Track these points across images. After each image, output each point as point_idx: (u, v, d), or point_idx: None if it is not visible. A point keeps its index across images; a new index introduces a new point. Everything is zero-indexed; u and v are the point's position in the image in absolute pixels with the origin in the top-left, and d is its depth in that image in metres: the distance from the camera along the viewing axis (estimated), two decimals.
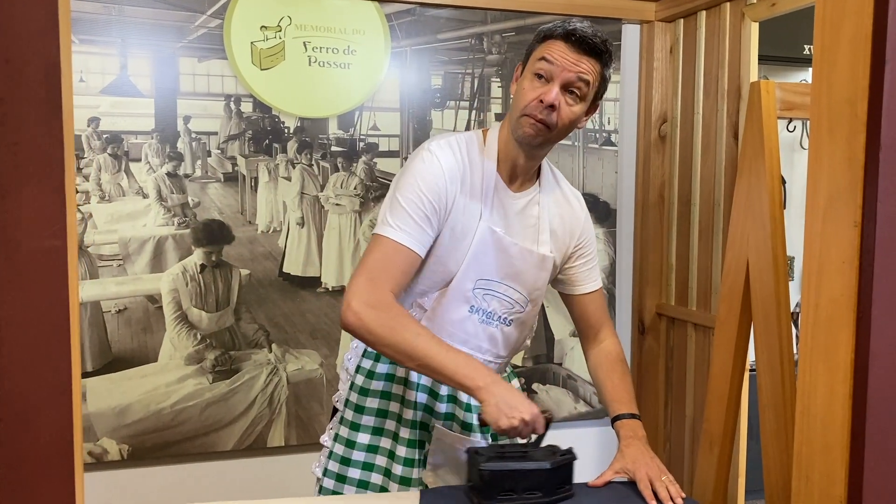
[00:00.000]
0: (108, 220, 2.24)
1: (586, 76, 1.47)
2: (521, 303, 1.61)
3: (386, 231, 1.48)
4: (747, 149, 1.85)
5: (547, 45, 1.48)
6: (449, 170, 1.51)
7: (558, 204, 1.64)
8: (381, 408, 1.61)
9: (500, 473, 1.36)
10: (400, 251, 1.46)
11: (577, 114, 1.50)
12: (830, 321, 1.08)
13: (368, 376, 1.61)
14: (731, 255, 1.91)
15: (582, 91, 1.48)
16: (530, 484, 1.37)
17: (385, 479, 1.59)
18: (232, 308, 2.35)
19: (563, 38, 1.47)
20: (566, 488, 1.42)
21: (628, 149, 2.69)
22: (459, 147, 1.55)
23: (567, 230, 1.65)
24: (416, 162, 1.52)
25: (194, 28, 2.26)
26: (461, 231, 1.53)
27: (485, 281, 1.56)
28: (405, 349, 1.41)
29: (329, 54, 2.35)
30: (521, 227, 1.58)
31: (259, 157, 2.36)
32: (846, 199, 1.05)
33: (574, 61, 1.46)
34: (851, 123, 1.05)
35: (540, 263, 1.59)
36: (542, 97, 1.46)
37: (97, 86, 2.20)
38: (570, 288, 1.71)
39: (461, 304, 1.56)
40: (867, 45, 1.03)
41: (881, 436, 1.06)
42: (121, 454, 2.26)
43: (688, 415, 2.51)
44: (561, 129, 1.50)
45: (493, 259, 1.55)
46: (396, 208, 1.48)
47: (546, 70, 1.47)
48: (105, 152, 2.23)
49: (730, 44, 2.30)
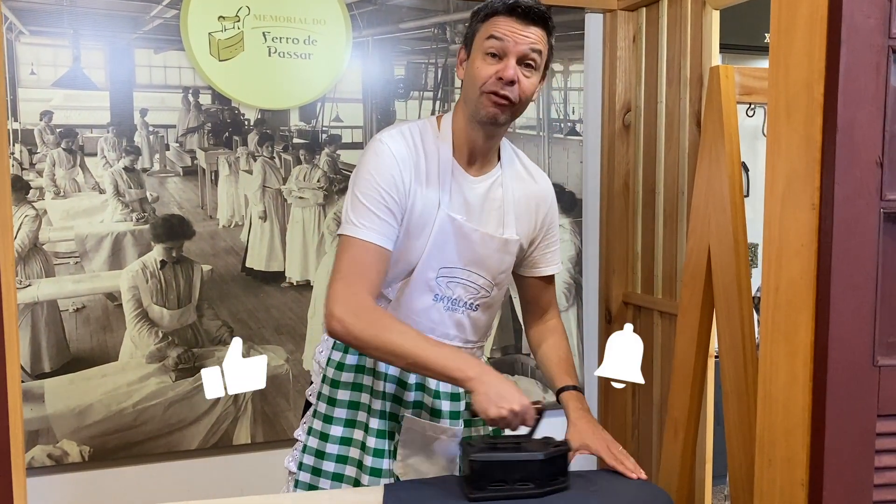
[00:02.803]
0: (63, 216, 2.18)
1: (538, 46, 1.48)
2: (487, 287, 1.60)
3: (351, 231, 1.47)
4: (707, 134, 1.86)
5: (492, 23, 1.48)
6: (401, 158, 1.50)
7: (521, 181, 1.63)
8: (352, 399, 1.60)
9: (491, 464, 1.36)
10: (368, 249, 1.46)
11: (535, 85, 1.51)
12: (790, 303, 1.08)
13: (338, 368, 1.61)
14: (693, 241, 1.91)
15: (536, 62, 1.49)
16: (522, 475, 1.36)
17: (358, 472, 1.58)
18: (194, 305, 2.30)
19: (508, 13, 1.46)
20: (560, 480, 1.41)
21: (593, 138, 2.68)
22: (412, 134, 1.54)
23: (532, 208, 1.64)
24: (370, 155, 1.52)
25: (150, 18, 2.21)
26: (420, 220, 1.52)
27: (447, 269, 1.55)
28: (392, 350, 1.42)
29: (289, 45, 2.31)
30: (484, 211, 1.57)
31: (219, 151, 2.32)
32: (804, 182, 1.05)
33: (524, 34, 1.46)
34: (808, 106, 1.05)
35: (503, 247, 1.59)
36: (499, 74, 1.46)
37: (49, 78, 2.13)
38: (529, 270, 1.71)
39: (425, 293, 1.56)
40: (823, 28, 1.03)
41: (841, 418, 1.06)
42: (82, 456, 2.20)
43: (655, 402, 2.52)
44: (523, 102, 1.50)
45: (455, 246, 1.54)
46: (357, 206, 1.48)
47: (498, 47, 1.46)
48: (59, 147, 2.17)
49: (691, 32, 2.30)
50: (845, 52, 1.01)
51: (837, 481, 1.06)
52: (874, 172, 1.03)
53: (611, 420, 2.67)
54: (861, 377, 1.05)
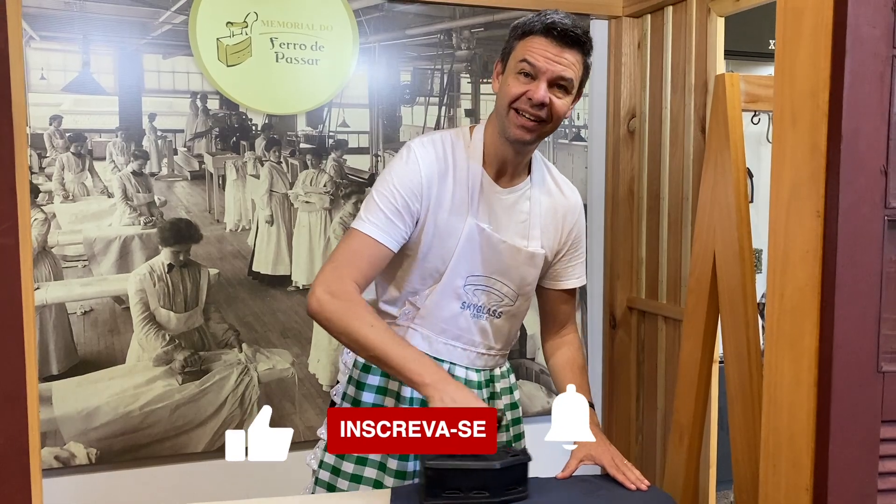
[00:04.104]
0: (72, 220, 2.20)
1: (572, 70, 1.48)
2: (511, 297, 1.62)
3: (357, 224, 1.52)
4: (713, 141, 1.86)
5: (528, 43, 1.48)
6: (427, 166, 1.52)
7: (550, 194, 1.65)
8: (376, 403, 1.61)
9: (446, 471, 1.36)
10: (368, 244, 1.49)
11: (567, 105, 1.51)
12: (795, 310, 1.09)
13: (364, 370, 1.63)
14: (698, 247, 1.92)
15: (569, 85, 1.49)
16: (477, 483, 1.36)
17: (380, 473, 1.59)
18: (201, 308, 2.32)
19: (544, 34, 1.46)
20: (518, 490, 1.41)
21: (598, 144, 2.70)
22: (444, 144, 1.56)
23: (560, 221, 1.65)
24: (396, 159, 1.55)
25: (159, 24, 2.23)
26: (447, 229, 1.54)
27: (474, 277, 1.57)
28: (357, 339, 1.44)
29: (296, 50, 2.33)
30: (511, 223, 1.59)
31: (226, 155, 2.33)
32: (809, 189, 1.06)
33: (557, 57, 1.46)
34: (813, 114, 1.06)
35: (529, 260, 1.60)
36: (530, 95, 1.46)
37: (59, 83, 2.15)
38: (551, 282, 1.71)
39: (453, 300, 1.58)
40: (828, 38, 1.04)
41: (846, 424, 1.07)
42: (89, 458, 2.22)
43: (659, 407, 2.52)
44: (555, 122, 1.51)
45: (482, 255, 1.57)
46: (370, 203, 1.52)
47: (530, 70, 1.47)
48: (68, 151, 2.18)
49: (696, 38, 2.31)
50: (850, 62, 1.02)
51: (842, 487, 1.07)
52: (878, 180, 1.03)
53: (615, 425, 2.68)
54: (865, 383, 1.06)
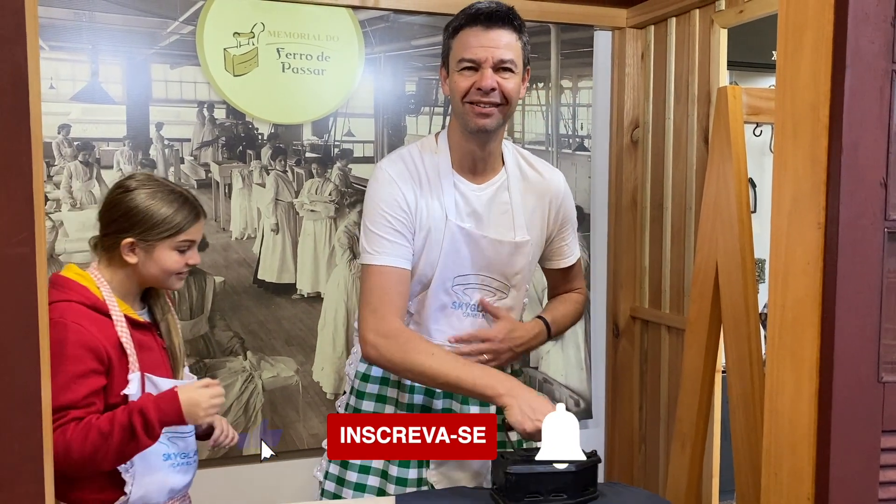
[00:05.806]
0: (79, 228, 2.22)
1: (509, 51, 1.51)
2: (503, 290, 1.65)
3: (367, 259, 1.55)
4: (715, 153, 1.88)
5: (461, 39, 1.53)
6: (401, 179, 1.56)
7: (527, 180, 1.67)
8: (376, 411, 1.63)
9: (527, 476, 1.39)
10: (388, 274, 1.53)
11: (517, 84, 1.55)
12: (796, 321, 1.10)
13: (363, 379, 1.65)
14: (701, 257, 1.93)
15: (511, 65, 1.53)
16: (556, 486, 1.40)
17: (382, 482, 1.61)
18: (206, 316, 2.33)
19: (472, 23, 1.51)
20: (591, 490, 1.45)
21: (601, 154, 2.71)
22: (411, 155, 1.61)
23: (546, 204, 1.68)
24: (372, 184, 1.60)
25: (166, 34, 2.25)
26: (429, 234, 1.57)
27: (462, 277, 1.60)
28: (424, 371, 1.48)
29: (303, 61, 2.35)
30: (493, 216, 1.62)
31: (233, 164, 2.35)
32: (810, 201, 1.07)
33: (492, 42, 1.50)
34: (814, 127, 1.07)
35: (515, 250, 1.63)
36: (477, 84, 1.51)
37: (68, 93, 2.18)
38: (551, 263, 1.77)
39: (444, 302, 1.61)
40: (828, 52, 1.05)
41: (846, 434, 1.08)
42: None
43: (662, 416, 2.53)
44: (510, 103, 1.54)
45: (468, 254, 1.59)
46: (369, 234, 1.56)
47: (470, 61, 1.51)
48: (76, 160, 2.20)
49: (699, 50, 2.33)
50: (850, 76, 1.03)
51: (843, 496, 1.08)
52: (878, 193, 1.05)
53: (618, 434, 2.68)
54: (866, 393, 1.07)
